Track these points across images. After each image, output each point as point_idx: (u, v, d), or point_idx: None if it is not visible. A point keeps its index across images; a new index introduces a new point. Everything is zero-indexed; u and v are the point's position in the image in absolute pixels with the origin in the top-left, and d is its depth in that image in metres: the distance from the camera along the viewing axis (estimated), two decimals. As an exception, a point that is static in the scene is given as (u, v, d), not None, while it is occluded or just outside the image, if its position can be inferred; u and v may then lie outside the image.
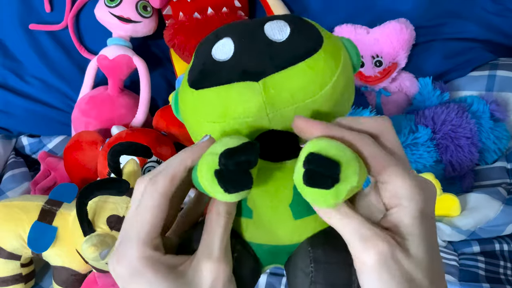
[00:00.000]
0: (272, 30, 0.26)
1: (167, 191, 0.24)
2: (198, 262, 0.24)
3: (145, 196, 0.24)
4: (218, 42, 0.26)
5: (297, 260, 0.26)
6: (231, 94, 0.25)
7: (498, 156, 0.76)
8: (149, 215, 0.24)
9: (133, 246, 0.24)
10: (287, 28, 0.26)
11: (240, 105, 0.25)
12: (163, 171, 0.24)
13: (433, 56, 0.84)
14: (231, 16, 0.79)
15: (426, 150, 0.70)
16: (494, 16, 0.83)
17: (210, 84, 0.25)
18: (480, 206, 0.64)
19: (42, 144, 0.91)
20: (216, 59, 0.25)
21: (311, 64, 0.24)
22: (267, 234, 0.26)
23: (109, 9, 0.79)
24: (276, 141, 0.27)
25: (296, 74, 0.24)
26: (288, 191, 0.26)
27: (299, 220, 0.26)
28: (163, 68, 0.92)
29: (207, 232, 0.24)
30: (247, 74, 0.24)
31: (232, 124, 0.25)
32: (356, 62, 0.28)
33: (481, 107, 0.75)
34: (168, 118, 0.72)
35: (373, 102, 0.84)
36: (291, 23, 0.26)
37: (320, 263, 0.24)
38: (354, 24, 0.79)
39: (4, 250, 0.57)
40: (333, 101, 0.26)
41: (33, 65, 0.90)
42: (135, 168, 0.56)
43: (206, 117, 0.26)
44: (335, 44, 0.26)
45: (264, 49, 0.25)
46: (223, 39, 0.26)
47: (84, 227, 0.49)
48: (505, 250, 0.59)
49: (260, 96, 0.24)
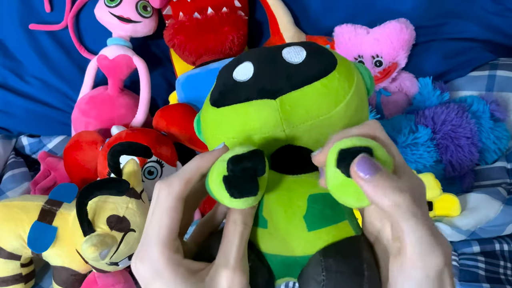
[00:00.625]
0: (289, 54, 0.27)
1: (182, 194, 0.25)
2: (216, 270, 0.25)
3: (161, 198, 0.25)
4: (239, 66, 0.28)
5: (309, 269, 0.26)
6: (249, 111, 0.26)
7: (498, 156, 0.76)
8: (166, 217, 0.25)
9: (153, 247, 0.24)
10: (303, 52, 0.28)
11: (257, 121, 0.26)
12: (179, 175, 0.25)
13: (433, 56, 0.84)
14: (231, 16, 0.79)
15: (426, 150, 0.70)
16: (494, 16, 0.83)
17: (230, 102, 0.27)
18: (480, 206, 0.64)
19: (42, 144, 0.91)
20: (236, 80, 0.27)
21: (325, 83, 0.26)
22: (281, 245, 0.27)
23: (109, 9, 0.79)
24: (292, 156, 0.28)
25: (311, 92, 0.26)
26: (303, 203, 0.26)
27: (313, 232, 0.26)
28: (163, 68, 0.92)
29: (224, 241, 0.25)
30: (265, 92, 0.26)
31: (250, 140, 0.27)
32: (369, 85, 0.29)
33: (481, 107, 0.75)
34: (168, 118, 0.72)
35: (373, 102, 0.84)
36: (307, 47, 0.28)
37: (331, 272, 0.25)
38: (354, 24, 0.79)
39: (4, 250, 0.57)
40: (347, 119, 0.27)
41: (33, 65, 0.90)
42: (135, 168, 0.56)
43: (226, 133, 0.27)
44: (348, 66, 0.28)
45: (282, 70, 0.27)
46: (244, 62, 0.28)
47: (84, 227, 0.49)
48: (505, 250, 0.59)
49: (276, 112, 0.26)
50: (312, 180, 0.28)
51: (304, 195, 0.27)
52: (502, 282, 0.54)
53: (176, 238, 0.25)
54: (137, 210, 0.52)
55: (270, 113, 0.26)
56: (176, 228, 0.25)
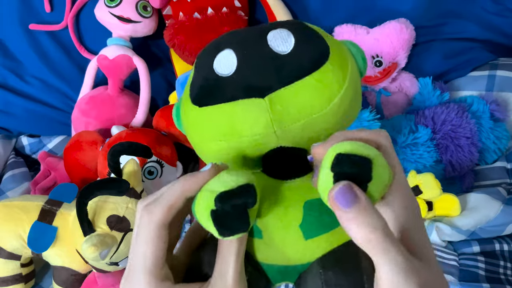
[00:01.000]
0: (276, 41, 0.25)
1: (164, 221, 0.24)
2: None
3: (142, 226, 0.24)
4: (219, 54, 0.25)
5: (308, 280, 0.25)
6: (236, 111, 0.24)
7: (498, 156, 0.76)
8: (150, 246, 0.24)
9: (140, 275, 0.23)
10: (291, 38, 0.25)
11: (246, 123, 0.24)
12: (161, 199, 0.24)
13: (433, 56, 0.84)
14: (231, 16, 0.79)
15: (426, 150, 0.70)
16: (494, 16, 0.83)
17: (214, 101, 0.24)
18: (480, 206, 0.64)
19: (42, 144, 0.91)
20: (218, 73, 0.25)
21: (318, 78, 0.24)
22: (278, 255, 0.25)
23: (109, 9, 0.79)
24: (284, 158, 0.26)
25: (303, 89, 0.23)
26: (298, 211, 0.25)
27: (310, 240, 0.25)
28: (163, 68, 0.92)
29: (220, 259, 0.24)
30: (252, 90, 0.24)
31: (239, 142, 0.25)
32: (362, 67, 0.27)
33: (481, 107, 0.75)
34: (168, 118, 0.72)
35: (373, 102, 0.84)
36: (295, 32, 0.25)
37: (331, 286, 0.24)
38: (354, 24, 0.79)
39: (4, 250, 0.57)
40: (342, 112, 0.25)
41: (33, 65, 0.90)
42: (135, 168, 0.56)
43: (212, 135, 0.25)
44: (341, 52, 0.25)
45: (269, 62, 0.24)
46: (225, 50, 0.25)
47: (84, 227, 0.49)
48: (505, 250, 0.59)
49: (266, 113, 0.23)
50: (307, 184, 0.26)
51: (300, 203, 0.25)
52: (502, 282, 0.54)
53: (163, 266, 0.24)
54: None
55: (259, 114, 0.23)
56: (162, 255, 0.24)
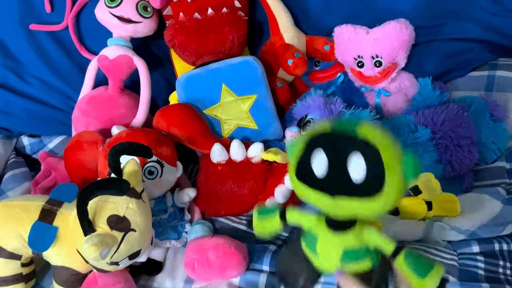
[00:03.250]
0: (353, 173, 0.39)
1: None
2: None
3: None
4: (316, 157, 0.41)
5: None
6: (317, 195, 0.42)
7: (498, 156, 0.76)
8: None
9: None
10: (364, 171, 0.38)
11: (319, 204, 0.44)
12: None
13: (433, 56, 0.84)
14: (231, 17, 0.79)
15: (425, 150, 0.70)
16: (494, 16, 0.83)
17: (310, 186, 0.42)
18: (479, 206, 0.64)
19: (42, 144, 0.91)
20: (316, 175, 0.41)
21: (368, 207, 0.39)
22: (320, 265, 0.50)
23: (109, 9, 0.80)
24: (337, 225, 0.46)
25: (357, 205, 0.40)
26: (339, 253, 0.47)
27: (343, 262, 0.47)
28: (163, 68, 0.93)
29: None
30: (330, 190, 0.41)
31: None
32: (411, 177, 0.38)
33: (481, 107, 0.75)
34: (168, 118, 0.72)
35: (373, 102, 0.84)
36: (369, 164, 0.38)
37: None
38: (354, 24, 0.79)
39: (4, 249, 0.57)
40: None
41: (34, 65, 0.90)
42: (136, 168, 0.56)
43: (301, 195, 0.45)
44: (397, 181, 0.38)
45: (345, 184, 0.39)
46: (320, 155, 0.40)
47: (84, 227, 0.49)
48: (505, 250, 0.59)
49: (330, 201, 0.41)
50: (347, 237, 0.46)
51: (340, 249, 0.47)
52: (502, 282, 0.54)
53: None
54: (137, 210, 0.52)
55: (326, 200, 0.42)
56: None
